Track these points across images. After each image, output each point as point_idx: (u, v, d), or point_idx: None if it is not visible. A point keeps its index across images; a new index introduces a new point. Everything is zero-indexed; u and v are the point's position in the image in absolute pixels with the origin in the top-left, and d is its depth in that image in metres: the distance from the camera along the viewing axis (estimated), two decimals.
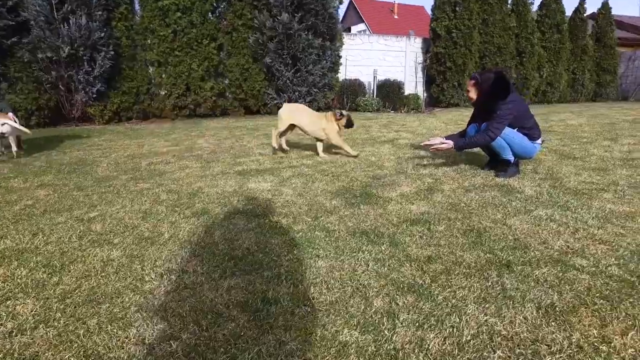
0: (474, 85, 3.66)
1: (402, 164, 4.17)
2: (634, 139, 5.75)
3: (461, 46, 11.26)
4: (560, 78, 13.90)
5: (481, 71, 3.76)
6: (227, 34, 9.61)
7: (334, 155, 4.69)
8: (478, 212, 2.75)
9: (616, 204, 2.91)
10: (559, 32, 13.51)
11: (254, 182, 3.60)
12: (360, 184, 3.44)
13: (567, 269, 1.97)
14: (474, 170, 3.89)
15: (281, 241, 2.34)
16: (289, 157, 4.57)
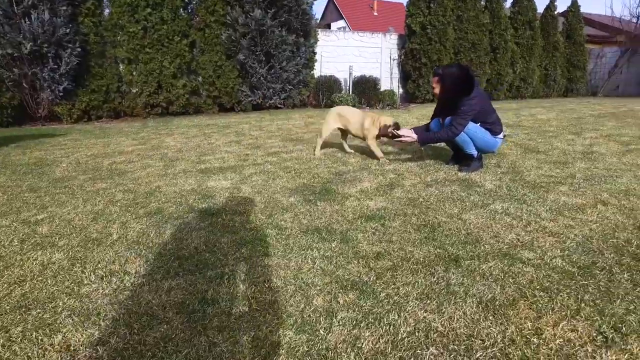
0: (438, 82, 3.66)
1: (367, 160, 4.15)
2: (597, 132, 5.88)
3: (436, 42, 11.33)
4: (533, 74, 14.14)
5: (445, 66, 3.74)
6: (200, 31, 9.43)
7: (301, 152, 4.65)
8: (435, 207, 2.74)
9: (570, 197, 2.95)
10: (531, 29, 13.73)
11: (214, 181, 3.52)
12: (321, 181, 3.40)
13: (513, 262, 1.97)
14: (438, 165, 3.90)
15: (231, 240, 2.28)
16: (254, 155, 4.50)
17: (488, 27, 12.40)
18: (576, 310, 1.56)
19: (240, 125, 7.09)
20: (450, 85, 3.55)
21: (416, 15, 11.19)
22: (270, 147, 4.93)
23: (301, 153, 4.53)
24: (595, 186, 3.23)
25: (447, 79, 3.57)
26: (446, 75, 3.56)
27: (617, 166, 3.87)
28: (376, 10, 30.64)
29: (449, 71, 3.57)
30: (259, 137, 5.69)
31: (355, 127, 4.28)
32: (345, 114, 4.36)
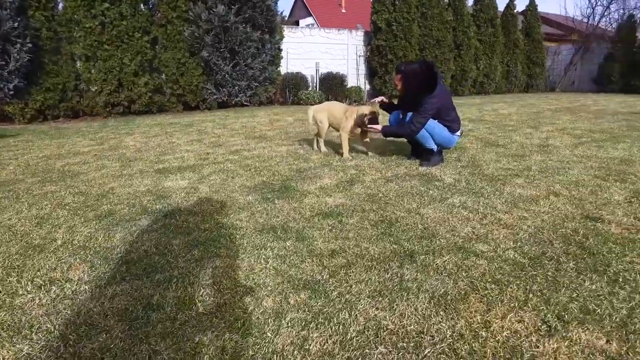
0: (400, 79, 3.66)
1: (329, 157, 4.12)
2: (553, 126, 6.08)
3: (401, 39, 11.45)
4: (495, 70, 14.53)
5: (407, 64, 3.74)
6: (161, 27, 9.14)
7: (263, 149, 4.56)
8: (394, 202, 2.74)
9: (525, 189, 3.01)
10: (493, 27, 14.10)
11: (171, 181, 3.40)
12: (281, 178, 3.34)
13: (467, 255, 1.98)
14: (400, 161, 3.92)
15: (183, 242, 2.20)
16: (215, 154, 4.39)
17: (452, 24, 12.63)
18: (524, 301, 1.58)
19: (203, 123, 6.92)
20: (413, 83, 3.56)
21: (382, 12, 11.26)
22: (232, 145, 4.83)
23: (263, 150, 4.45)
24: (549, 178, 3.32)
25: (409, 77, 3.58)
26: (409, 73, 3.57)
27: (569, 158, 4.00)
28: (344, 8, 30.68)
29: (412, 69, 3.58)
30: (222, 135, 5.57)
31: (337, 122, 4.22)
32: (332, 111, 4.30)
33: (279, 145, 4.77)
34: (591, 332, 1.39)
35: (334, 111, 4.19)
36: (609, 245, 2.08)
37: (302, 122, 6.69)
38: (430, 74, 3.50)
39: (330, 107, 4.29)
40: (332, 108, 4.25)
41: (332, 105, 4.32)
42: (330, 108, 4.27)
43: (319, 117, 4.32)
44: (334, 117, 4.18)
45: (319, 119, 4.32)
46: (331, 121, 4.25)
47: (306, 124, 6.52)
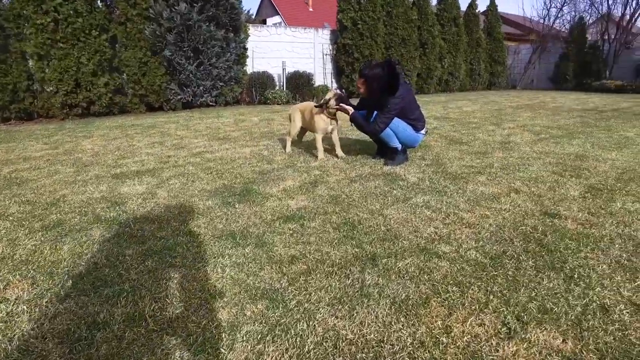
0: (363, 83, 3.63)
1: (293, 157, 4.04)
2: (514, 123, 6.25)
3: (367, 37, 11.50)
4: (459, 68, 14.85)
5: (370, 67, 3.66)
6: (121, 25, 8.77)
7: (227, 151, 4.44)
8: (357, 204, 2.70)
9: (487, 186, 3.05)
10: (456, 26, 14.39)
11: (128, 186, 3.24)
12: (243, 181, 3.25)
13: (430, 257, 1.96)
14: (365, 160, 3.89)
15: (137, 251, 2.07)
16: (176, 156, 4.23)
17: (417, 23, 12.80)
18: (485, 304, 1.57)
19: (166, 125, 6.69)
20: (375, 86, 3.55)
21: (347, 11, 11.27)
22: (194, 147, 4.67)
23: (226, 152, 4.33)
24: (509, 175, 3.38)
25: (372, 81, 3.55)
26: (371, 78, 3.54)
27: (529, 155, 4.10)
28: (311, 6, 30.62)
29: (374, 73, 3.54)
30: (185, 137, 5.39)
31: (309, 123, 4.14)
32: (305, 111, 4.20)
33: (242, 146, 4.66)
34: (548, 332, 1.39)
35: (306, 111, 4.13)
36: (566, 242, 2.11)
37: (267, 122, 6.58)
38: (392, 76, 3.50)
39: (304, 107, 4.22)
40: (305, 108, 4.19)
41: (306, 105, 4.25)
42: (304, 108, 4.21)
43: (293, 115, 4.26)
44: (306, 117, 4.12)
45: (293, 117, 4.26)
46: (305, 122, 4.18)
47: (272, 123, 6.42)
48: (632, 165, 3.73)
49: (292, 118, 4.27)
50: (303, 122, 4.18)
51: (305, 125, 4.17)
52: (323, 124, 3.86)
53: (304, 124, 4.20)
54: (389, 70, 3.53)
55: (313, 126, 3.90)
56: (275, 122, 6.50)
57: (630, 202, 2.74)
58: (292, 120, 4.27)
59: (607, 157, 4.03)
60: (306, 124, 4.13)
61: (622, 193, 2.93)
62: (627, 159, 3.95)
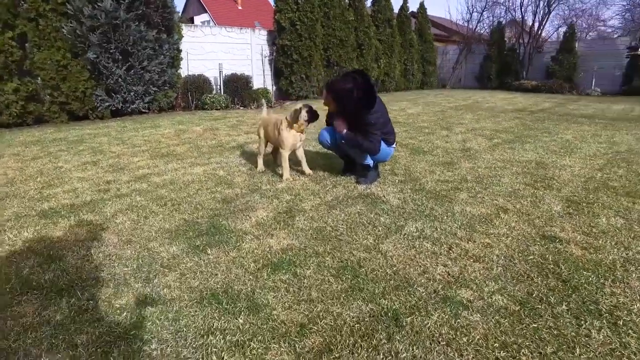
0: (333, 100, 3.28)
1: (255, 178, 3.61)
2: (462, 127, 6.33)
3: (306, 38, 11.19)
4: (394, 69, 15.14)
5: (338, 81, 3.28)
6: (31, 21, 7.57)
7: (176, 172, 3.88)
8: (348, 238, 2.38)
9: (473, 206, 2.89)
10: (390, 27, 14.64)
11: (62, 229, 2.60)
12: (207, 214, 2.77)
13: (456, 308, 1.70)
14: (334, 178, 3.58)
15: (90, 337, 1.56)
16: (117, 181, 3.58)
17: (353, 24, 12.76)
18: None
19: (97, 138, 5.83)
20: (348, 102, 3.20)
21: (285, 11, 10.87)
22: (136, 168, 4.03)
23: (176, 174, 3.77)
24: (487, 189, 3.27)
25: (344, 98, 3.19)
26: (342, 94, 3.18)
27: (493, 163, 4.08)
28: (241, 4, 29.66)
29: (344, 88, 3.17)
30: (122, 154, 4.67)
31: (271, 138, 3.70)
32: (265, 124, 3.76)
33: (193, 165, 4.12)
34: None
35: (267, 125, 3.72)
36: (582, 273, 1.98)
37: (213, 132, 6.01)
38: (368, 89, 3.21)
39: (267, 121, 3.79)
40: (268, 122, 3.76)
41: (268, 119, 3.80)
42: (267, 122, 3.78)
43: (258, 130, 3.85)
44: (267, 131, 3.71)
45: (258, 132, 3.86)
46: (268, 137, 3.77)
47: (218, 134, 5.87)
48: (588, 172, 3.83)
49: (258, 132, 3.85)
50: (266, 136, 3.76)
51: (270, 140, 3.76)
52: (292, 139, 3.47)
53: (267, 139, 3.79)
54: (363, 82, 3.23)
55: (280, 142, 3.50)
56: (221, 132, 5.95)
57: (612, 217, 2.73)
58: (258, 135, 3.85)
59: (563, 164, 4.11)
60: (270, 138, 3.72)
61: (599, 206, 2.93)
62: (581, 166, 4.06)
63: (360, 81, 3.20)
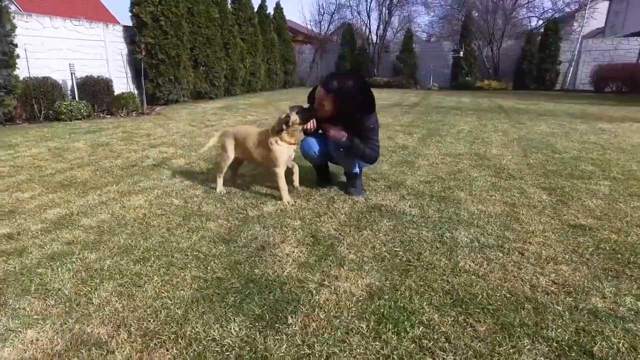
0: (332, 100, 2.82)
1: (228, 203, 2.88)
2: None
3: (172, 36, 9.96)
4: (260, 68, 14.82)
5: (337, 79, 2.83)
6: None
7: (109, 207, 2.86)
8: (420, 263, 2.05)
9: (483, 204, 2.90)
10: (253, 26, 14.23)
11: None
12: (221, 264, 2.04)
13: (594, 322, 1.57)
14: (316, 192, 3.15)
15: None
16: (26, 235, 2.43)
17: (218, 21, 11.95)
18: None
19: None
20: (351, 103, 2.80)
21: (145, 4, 9.44)
22: (39, 208, 2.80)
23: (112, 210, 2.75)
24: (472, 185, 3.33)
25: (346, 97, 2.78)
26: (344, 93, 2.77)
27: (443, 159, 4.26)
28: None
29: (347, 86, 2.77)
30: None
31: (251, 154, 3.03)
32: (241, 136, 3.06)
33: (122, 193, 3.12)
34: None
35: (246, 138, 3.03)
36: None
37: (106, 148, 4.77)
38: (368, 89, 2.88)
39: (240, 132, 3.09)
40: (242, 133, 3.08)
41: (247, 130, 3.10)
42: (240, 133, 3.08)
43: (223, 142, 3.12)
44: (245, 146, 3.03)
45: (224, 145, 3.12)
46: (241, 151, 3.09)
47: (115, 146, 4.68)
48: (521, 159, 4.27)
49: (223, 144, 3.12)
50: (241, 152, 3.09)
51: (248, 157, 3.09)
52: (286, 153, 2.91)
53: (243, 155, 3.12)
54: (364, 83, 2.90)
55: (273, 159, 2.89)
56: (117, 148, 4.75)
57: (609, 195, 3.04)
58: (222, 149, 3.12)
59: (495, 154, 4.51)
60: (249, 155, 3.06)
61: (584, 190, 3.24)
62: (509, 154, 4.52)
63: (360, 81, 2.87)
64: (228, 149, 3.08)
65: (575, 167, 3.97)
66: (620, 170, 3.83)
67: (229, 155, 3.08)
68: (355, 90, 2.78)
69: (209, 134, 5.53)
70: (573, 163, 4.11)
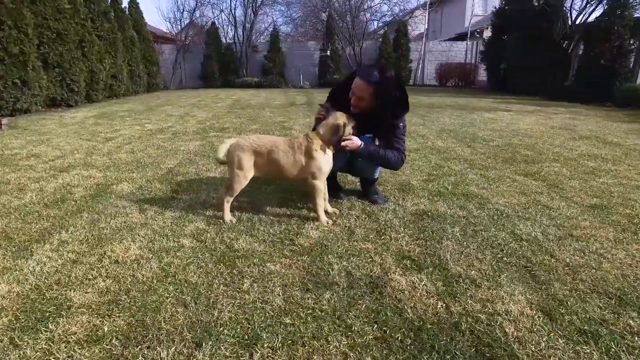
0: (373, 93, 2.47)
1: (255, 233, 2.36)
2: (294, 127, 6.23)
3: (12, 28, 7.88)
4: (122, 70, 12.95)
5: (378, 70, 2.48)
6: None
7: (70, 257, 2.01)
8: (550, 265, 1.98)
9: (507, 197, 2.97)
10: (109, 21, 12.28)
11: None
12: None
13: None
14: (346, 205, 2.83)
15: None
16: None
17: (69, 13, 9.96)
18: None
19: None
20: (389, 98, 2.50)
21: None
22: None
23: (74, 263, 1.97)
24: (469, 178, 3.42)
25: (388, 91, 2.47)
26: (386, 86, 2.47)
27: (416, 157, 4.27)
28: None
29: (389, 79, 2.48)
30: None
31: (281, 167, 2.45)
32: (266, 147, 2.46)
33: (92, 245, 2.23)
34: None
35: (272, 149, 2.45)
36: None
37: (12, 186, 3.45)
38: (403, 85, 2.65)
39: (262, 144, 2.47)
40: (265, 144, 2.47)
41: (265, 140, 2.50)
42: (262, 145, 2.47)
43: (238, 158, 2.45)
44: (272, 159, 2.45)
45: (239, 162, 2.46)
46: (264, 167, 2.50)
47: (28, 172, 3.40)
48: (472, 151, 4.62)
49: (238, 163, 2.47)
50: (265, 168, 2.50)
51: (273, 172, 2.52)
52: (330, 162, 2.48)
53: (266, 172, 2.54)
54: (399, 76, 2.65)
55: (315, 170, 2.42)
56: (11, 178, 3.48)
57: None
58: (238, 166, 2.48)
59: (446, 146, 4.77)
60: (276, 170, 2.49)
61: (557, 174, 3.61)
62: (463, 147, 4.84)
63: (398, 77, 2.61)
64: (245, 167, 2.47)
65: (517, 152, 4.46)
66: (551, 153, 4.44)
67: (246, 175, 2.49)
68: (395, 84, 2.53)
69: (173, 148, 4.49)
70: (511, 149, 4.61)
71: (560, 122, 7.03)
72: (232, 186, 2.49)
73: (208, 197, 2.99)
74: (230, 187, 2.50)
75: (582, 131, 6.00)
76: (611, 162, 4.06)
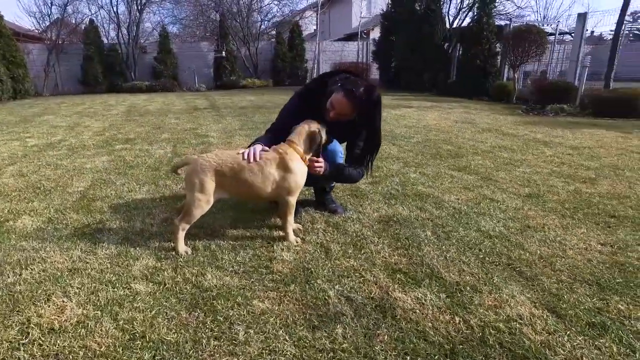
0: (353, 108, 2.25)
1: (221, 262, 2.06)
2: (206, 137, 5.84)
3: None
4: None
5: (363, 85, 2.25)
6: None
7: None
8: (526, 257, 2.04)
9: (449, 194, 3.08)
10: None
11: None
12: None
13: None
14: (312, 216, 2.65)
15: None
16: None
17: None
18: None
19: None
20: (369, 115, 2.34)
21: None
22: None
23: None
24: (409, 177, 3.49)
25: (371, 106, 2.29)
26: (369, 100, 2.25)
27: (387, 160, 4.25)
28: None
29: (373, 96, 2.27)
30: None
31: (260, 182, 2.14)
32: (232, 168, 2.12)
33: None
34: None
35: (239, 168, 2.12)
36: None
37: None
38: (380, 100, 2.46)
39: (225, 162, 2.13)
40: (228, 162, 2.13)
41: (227, 158, 2.15)
42: (225, 164, 2.13)
43: (199, 181, 2.10)
44: (238, 179, 2.12)
45: (201, 185, 2.10)
46: (229, 188, 2.17)
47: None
48: (398, 149, 4.77)
49: (199, 186, 2.10)
50: (230, 188, 2.17)
51: (240, 192, 2.20)
52: (305, 178, 2.24)
53: (231, 193, 2.21)
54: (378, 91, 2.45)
55: (290, 185, 2.17)
56: None
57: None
58: (200, 190, 2.10)
59: None
60: (244, 189, 2.16)
61: (486, 167, 3.86)
62: None
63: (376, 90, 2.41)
64: (208, 190, 2.13)
65: (440, 148, 4.72)
66: (469, 147, 4.79)
67: (208, 200, 2.14)
68: (377, 100, 2.35)
69: None
70: (433, 145, 4.87)
71: (459, 116, 7.69)
72: (191, 212, 2.14)
73: (145, 225, 2.56)
74: (189, 213, 2.14)
75: (482, 124, 6.62)
76: (519, 152, 4.51)
